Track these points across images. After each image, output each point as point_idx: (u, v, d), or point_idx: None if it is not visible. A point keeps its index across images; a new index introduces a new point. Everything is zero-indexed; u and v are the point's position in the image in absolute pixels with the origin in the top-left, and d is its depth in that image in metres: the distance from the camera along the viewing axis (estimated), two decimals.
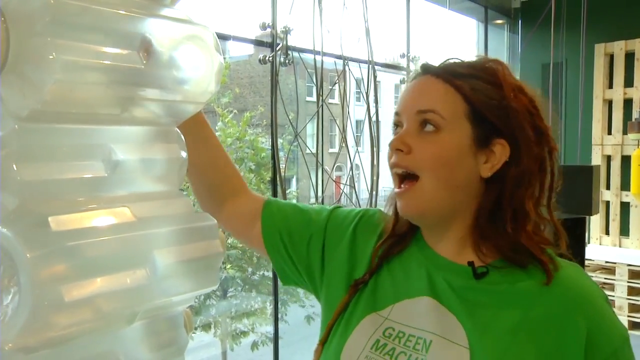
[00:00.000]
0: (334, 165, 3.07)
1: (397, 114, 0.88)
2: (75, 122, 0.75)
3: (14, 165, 0.68)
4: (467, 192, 0.85)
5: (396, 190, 0.86)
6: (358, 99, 3.35)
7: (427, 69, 0.88)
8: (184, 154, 0.92)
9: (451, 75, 0.85)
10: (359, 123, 3.18)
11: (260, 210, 1.03)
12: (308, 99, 3.03)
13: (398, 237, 0.93)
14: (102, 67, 0.74)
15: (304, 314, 6.99)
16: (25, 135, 0.70)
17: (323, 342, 0.92)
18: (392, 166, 0.86)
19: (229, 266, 6.73)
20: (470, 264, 0.85)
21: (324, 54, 2.85)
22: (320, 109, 2.84)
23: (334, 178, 3.12)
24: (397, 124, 0.88)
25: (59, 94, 0.69)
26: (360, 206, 2.97)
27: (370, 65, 3.02)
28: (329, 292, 0.96)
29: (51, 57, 0.64)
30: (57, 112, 0.72)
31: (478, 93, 0.83)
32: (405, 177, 0.85)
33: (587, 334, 0.79)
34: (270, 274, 7.13)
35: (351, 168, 3.04)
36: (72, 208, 0.72)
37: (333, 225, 0.99)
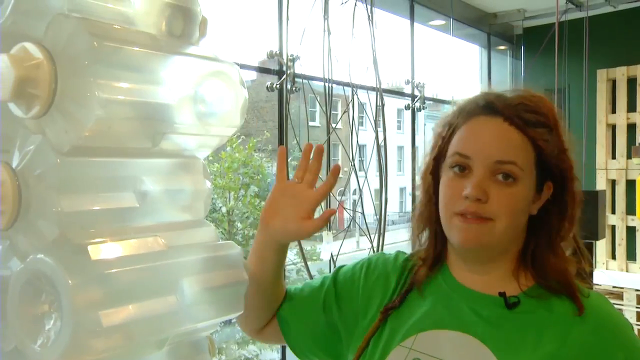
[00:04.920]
0: (342, 191, 3.10)
1: (465, 156, 0.86)
2: (111, 156, 0.80)
3: (55, 197, 0.72)
4: (521, 229, 0.88)
5: (462, 221, 0.84)
6: (361, 124, 3.38)
7: (495, 110, 0.87)
8: (208, 184, 0.96)
9: (524, 123, 0.85)
10: (361, 148, 3.21)
11: (278, 328, 1.03)
12: (311, 123, 3.06)
13: (427, 265, 0.94)
14: (137, 103, 0.78)
15: None
16: (65, 169, 0.74)
17: None
18: (467, 213, 0.84)
19: None
20: (502, 294, 0.86)
21: (332, 82, 2.90)
22: (329, 135, 2.88)
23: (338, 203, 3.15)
24: (460, 165, 0.86)
25: (98, 130, 0.73)
26: (368, 230, 3.00)
27: (378, 94, 3.07)
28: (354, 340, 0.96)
29: (94, 95, 0.69)
30: (95, 147, 0.76)
31: (546, 143, 0.86)
32: None
33: None
34: None
35: (360, 194, 3.07)
36: (108, 237, 0.76)
37: (341, 287, 1.01)
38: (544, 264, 0.88)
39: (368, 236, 2.99)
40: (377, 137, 3.06)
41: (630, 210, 4.86)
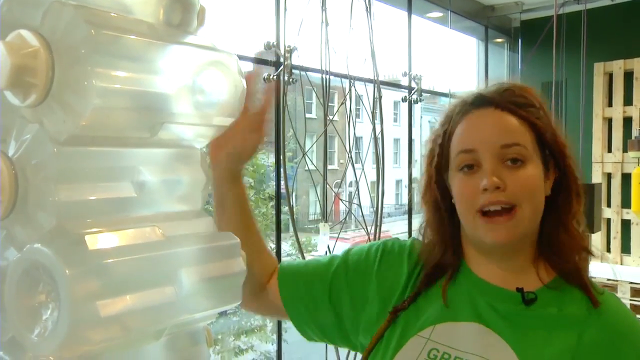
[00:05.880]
0: (339, 183, 3.11)
1: (470, 150, 0.86)
2: (108, 145, 0.79)
3: (52, 187, 0.72)
4: (541, 211, 0.89)
5: (488, 221, 0.84)
6: (358, 116, 3.39)
7: (486, 101, 0.88)
8: (206, 174, 0.96)
9: (515, 106, 0.87)
10: (358, 140, 3.22)
11: (277, 286, 1.03)
12: (308, 115, 3.07)
13: (441, 266, 0.93)
14: (135, 93, 0.78)
15: None
16: (62, 158, 0.73)
17: None
18: (489, 204, 0.83)
19: None
20: (520, 290, 0.86)
21: (330, 73, 2.90)
22: (326, 127, 2.88)
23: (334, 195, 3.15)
24: (468, 164, 0.86)
25: (96, 119, 0.72)
26: (365, 222, 3.00)
27: (376, 86, 3.07)
28: (367, 326, 0.96)
29: (91, 84, 0.68)
30: (93, 136, 0.76)
31: (540, 121, 0.87)
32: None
33: None
34: None
35: (357, 185, 3.07)
36: (105, 227, 0.75)
37: (354, 266, 1.00)
38: (560, 245, 0.88)
39: (365, 228, 2.99)
40: (374, 129, 3.06)
41: (626, 203, 4.88)
